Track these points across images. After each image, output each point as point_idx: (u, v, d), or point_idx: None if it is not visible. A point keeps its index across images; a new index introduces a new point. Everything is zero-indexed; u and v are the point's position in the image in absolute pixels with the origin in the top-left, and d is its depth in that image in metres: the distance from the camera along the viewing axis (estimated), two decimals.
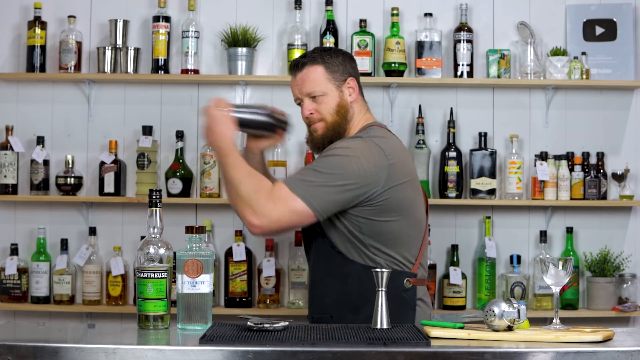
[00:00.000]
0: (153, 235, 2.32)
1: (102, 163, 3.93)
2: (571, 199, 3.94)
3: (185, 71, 3.94)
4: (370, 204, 2.64)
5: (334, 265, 2.71)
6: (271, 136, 2.89)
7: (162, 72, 3.94)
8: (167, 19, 3.96)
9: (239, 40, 3.93)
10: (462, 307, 3.92)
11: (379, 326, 2.22)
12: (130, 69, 3.95)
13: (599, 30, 4.03)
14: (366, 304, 2.56)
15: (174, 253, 2.34)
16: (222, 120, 2.68)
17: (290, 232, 3.18)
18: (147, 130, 3.94)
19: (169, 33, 3.96)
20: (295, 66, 2.84)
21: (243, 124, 2.78)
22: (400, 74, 3.93)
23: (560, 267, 2.30)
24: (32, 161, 3.94)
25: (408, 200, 2.71)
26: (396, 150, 2.73)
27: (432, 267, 3.90)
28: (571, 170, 3.95)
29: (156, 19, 3.95)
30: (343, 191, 2.60)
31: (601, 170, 3.99)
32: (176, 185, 3.91)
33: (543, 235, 3.97)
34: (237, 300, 3.90)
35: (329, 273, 2.72)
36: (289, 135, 2.96)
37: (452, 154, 3.94)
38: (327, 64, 2.80)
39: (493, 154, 3.96)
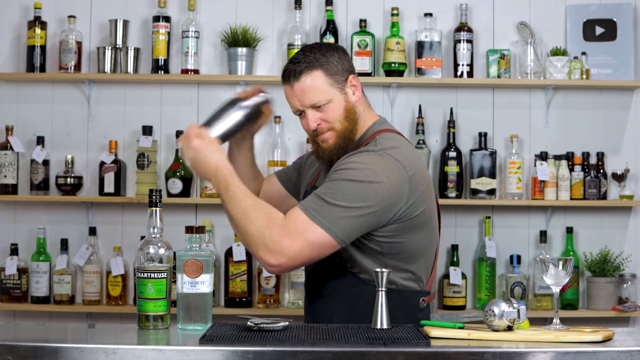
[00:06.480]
0: (153, 235, 2.32)
1: (102, 163, 3.92)
2: (571, 199, 3.94)
3: (185, 71, 3.94)
4: (396, 223, 2.39)
5: (343, 283, 2.49)
6: (259, 118, 2.59)
7: (162, 72, 3.94)
8: (167, 19, 3.96)
9: (239, 40, 3.93)
10: (462, 307, 3.92)
11: (379, 326, 2.22)
12: (130, 69, 3.94)
13: (599, 30, 4.03)
14: None
15: (174, 253, 2.33)
16: (205, 148, 2.38)
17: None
18: (147, 130, 3.94)
19: (169, 33, 3.96)
20: (291, 75, 2.46)
21: (227, 136, 2.50)
22: (400, 74, 3.93)
23: (560, 267, 2.30)
24: (32, 161, 3.94)
25: (427, 211, 2.46)
26: (412, 158, 2.45)
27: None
28: (571, 170, 3.95)
29: (156, 19, 3.95)
30: (366, 215, 2.32)
31: (601, 170, 3.99)
32: (176, 185, 3.91)
33: (543, 235, 3.97)
34: (237, 300, 3.90)
35: (337, 291, 2.51)
36: (273, 113, 2.66)
37: (452, 154, 3.94)
38: (326, 67, 2.45)
39: (493, 154, 3.96)
